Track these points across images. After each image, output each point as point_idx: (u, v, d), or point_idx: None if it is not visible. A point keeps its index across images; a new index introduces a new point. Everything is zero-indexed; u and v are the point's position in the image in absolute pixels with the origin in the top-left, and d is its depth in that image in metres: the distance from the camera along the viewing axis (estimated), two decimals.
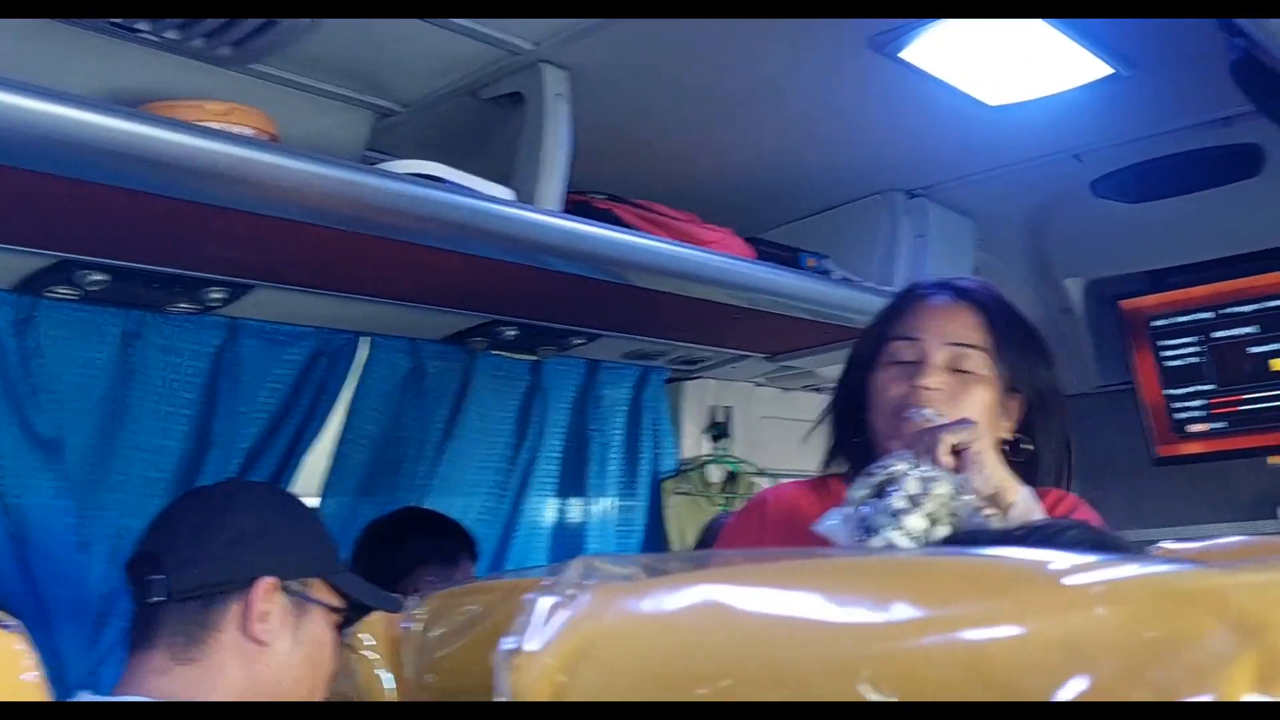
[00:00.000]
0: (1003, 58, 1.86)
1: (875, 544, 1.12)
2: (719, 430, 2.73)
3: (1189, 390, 2.86)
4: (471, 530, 2.05)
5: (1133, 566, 0.50)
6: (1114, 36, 1.83)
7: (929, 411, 1.35)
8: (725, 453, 2.73)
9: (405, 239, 1.64)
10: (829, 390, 2.95)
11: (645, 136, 2.04)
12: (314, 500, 2.06)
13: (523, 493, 2.29)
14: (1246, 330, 2.76)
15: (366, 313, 2.00)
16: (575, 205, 1.83)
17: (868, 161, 2.30)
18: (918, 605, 0.52)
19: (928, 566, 0.55)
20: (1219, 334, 2.80)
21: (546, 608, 0.63)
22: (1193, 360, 2.84)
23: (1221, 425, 2.83)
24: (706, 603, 0.59)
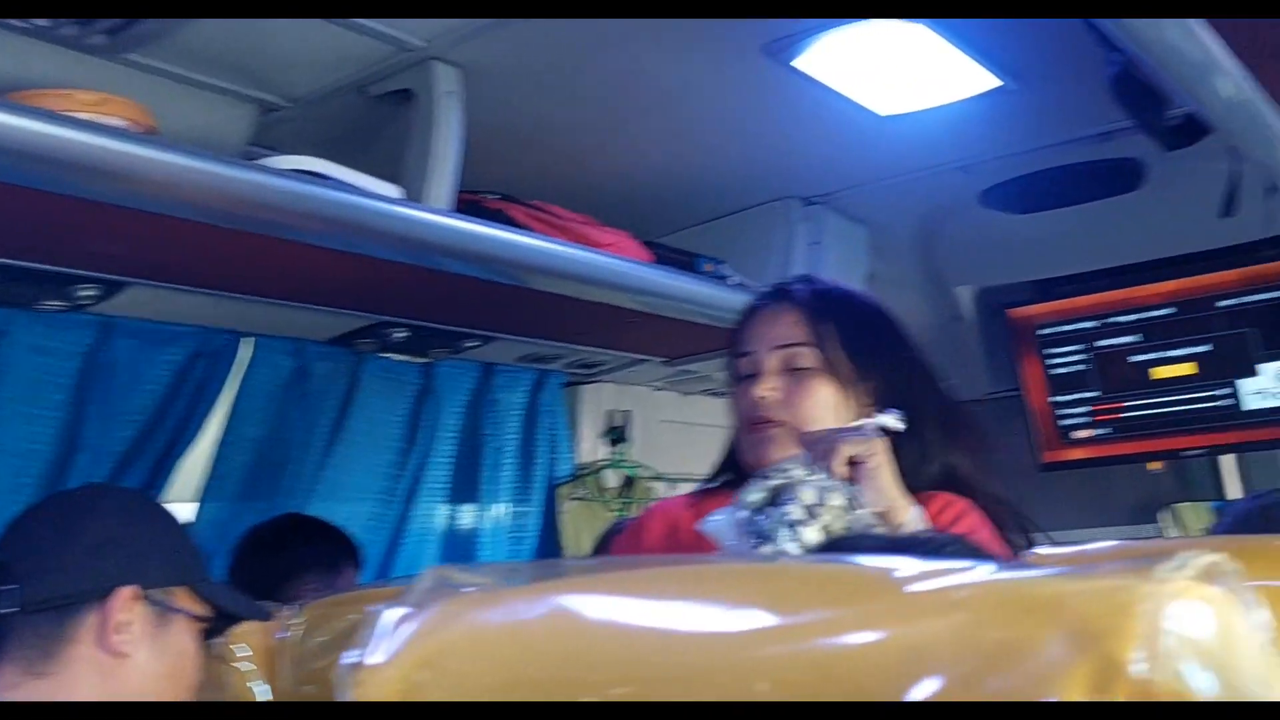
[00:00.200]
0: (893, 68, 1.89)
1: (766, 551, 1.10)
2: (617, 435, 2.71)
3: (1074, 397, 2.93)
4: (357, 537, 2.00)
5: (976, 574, 0.49)
6: (1000, 49, 1.86)
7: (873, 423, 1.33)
8: (623, 457, 2.72)
9: (288, 237, 1.60)
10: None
11: (541, 137, 2.02)
12: (191, 506, 1.99)
13: (412, 498, 2.25)
14: (1128, 339, 2.84)
15: (249, 312, 1.94)
16: (466, 205, 1.80)
17: (764, 168, 2.31)
18: (766, 612, 0.51)
19: (778, 573, 0.54)
20: (1102, 343, 2.88)
21: (392, 620, 0.60)
22: (1078, 368, 2.91)
23: (1105, 432, 2.91)
24: (557, 612, 0.58)
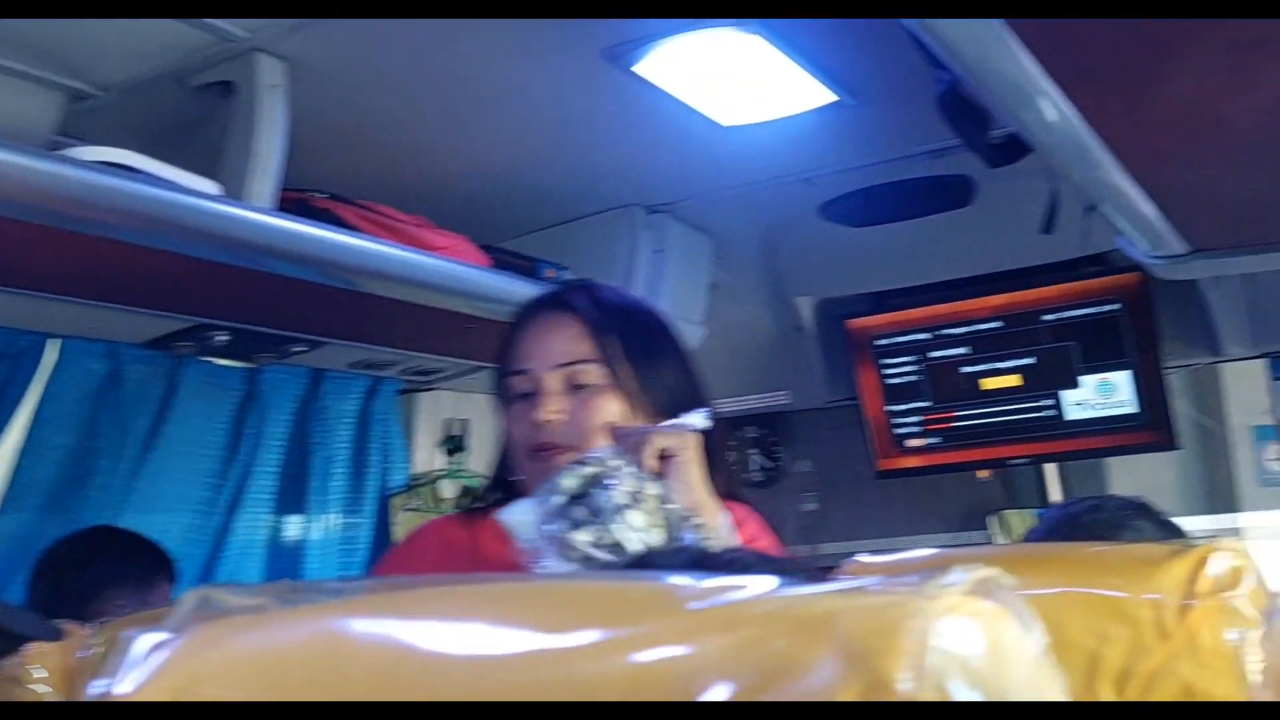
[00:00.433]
0: (733, 79, 1.90)
1: (584, 539, 1.05)
2: (454, 444, 2.66)
3: (908, 407, 3.01)
4: (173, 550, 1.90)
5: (757, 590, 0.48)
6: (837, 66, 1.89)
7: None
8: (460, 467, 2.66)
9: (95, 233, 1.51)
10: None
11: (373, 136, 1.96)
12: None
13: (235, 510, 2.15)
14: (958, 351, 2.93)
15: (55, 312, 1.83)
16: (291, 203, 1.73)
17: (607, 175, 2.30)
18: (542, 632, 0.49)
19: (556, 591, 0.52)
20: (935, 354, 2.96)
21: (146, 646, 0.55)
22: (911, 378, 2.99)
23: (936, 440, 2.99)
24: (324, 635, 0.54)
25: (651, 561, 0.87)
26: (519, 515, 1.08)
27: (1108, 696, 1.01)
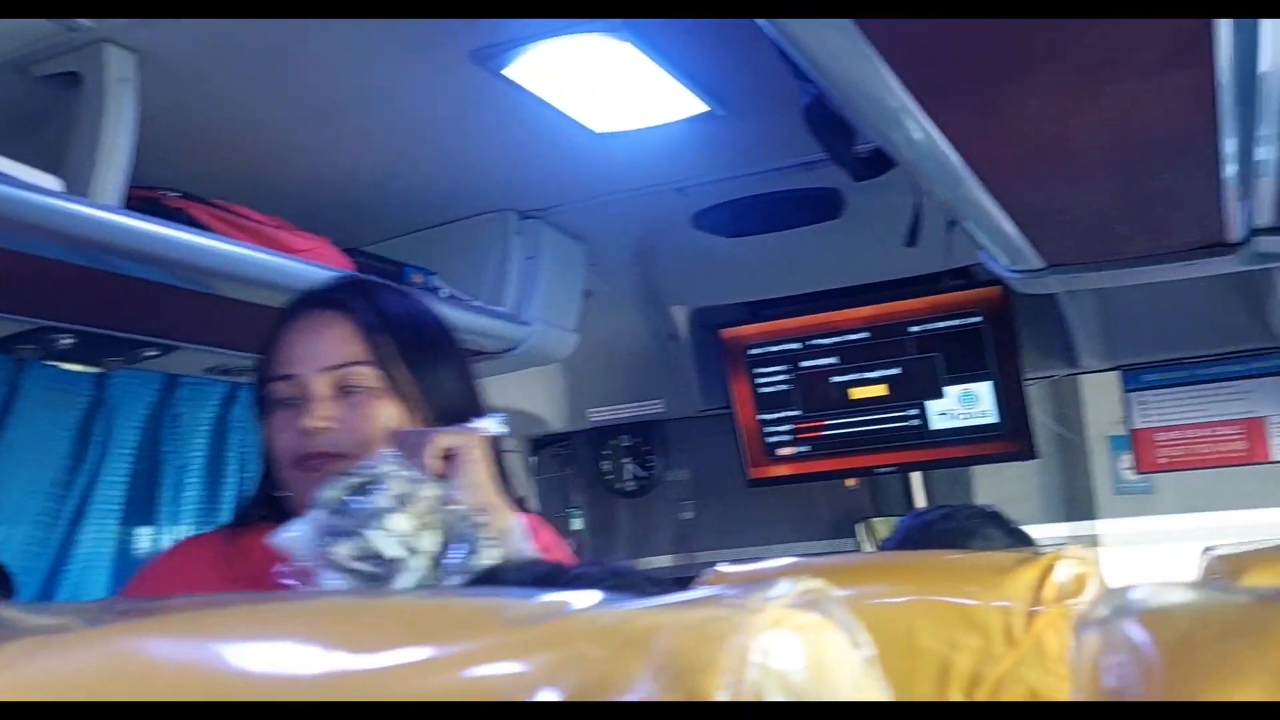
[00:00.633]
0: (605, 86, 1.89)
1: (343, 551, 0.98)
2: None
3: (779, 415, 3.05)
4: (12, 564, 1.80)
5: (580, 607, 0.46)
6: (708, 75, 1.90)
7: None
8: None
9: None
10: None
11: (231, 134, 1.89)
12: None
13: (80, 521, 2.04)
14: (829, 361, 2.98)
15: None
16: (141, 202, 1.66)
17: (479, 179, 2.27)
18: (354, 651, 0.46)
19: (373, 609, 0.49)
20: (806, 364, 3.01)
21: None
22: (783, 387, 3.03)
23: (806, 449, 3.03)
24: (127, 656, 0.50)
25: (498, 577, 0.85)
26: (292, 534, 1.01)
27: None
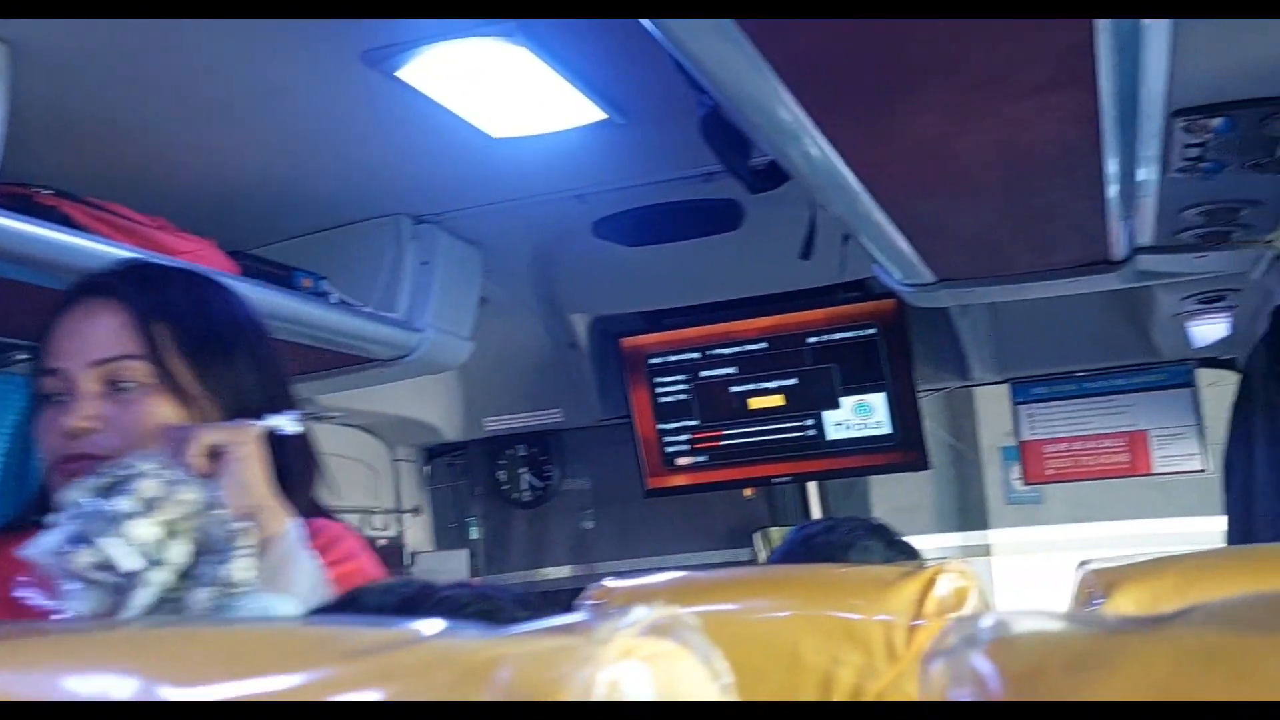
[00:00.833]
0: (501, 90, 1.86)
1: (82, 560, 0.90)
2: None
3: (677, 425, 3.05)
4: None
5: (423, 638, 0.44)
6: (606, 82, 1.88)
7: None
8: None
9: None
10: (330, 420, 2.85)
11: (110, 131, 1.82)
12: None
13: None
14: (727, 371, 2.99)
15: None
16: (11, 199, 1.59)
17: (372, 183, 2.22)
18: (175, 684, 0.43)
19: (201, 639, 0.46)
20: (705, 373, 3.01)
21: None
22: (682, 397, 3.03)
23: (704, 459, 3.04)
24: None
25: (360, 601, 0.81)
26: (41, 548, 0.92)
27: None
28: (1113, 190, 1.64)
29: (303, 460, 1.21)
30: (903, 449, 2.93)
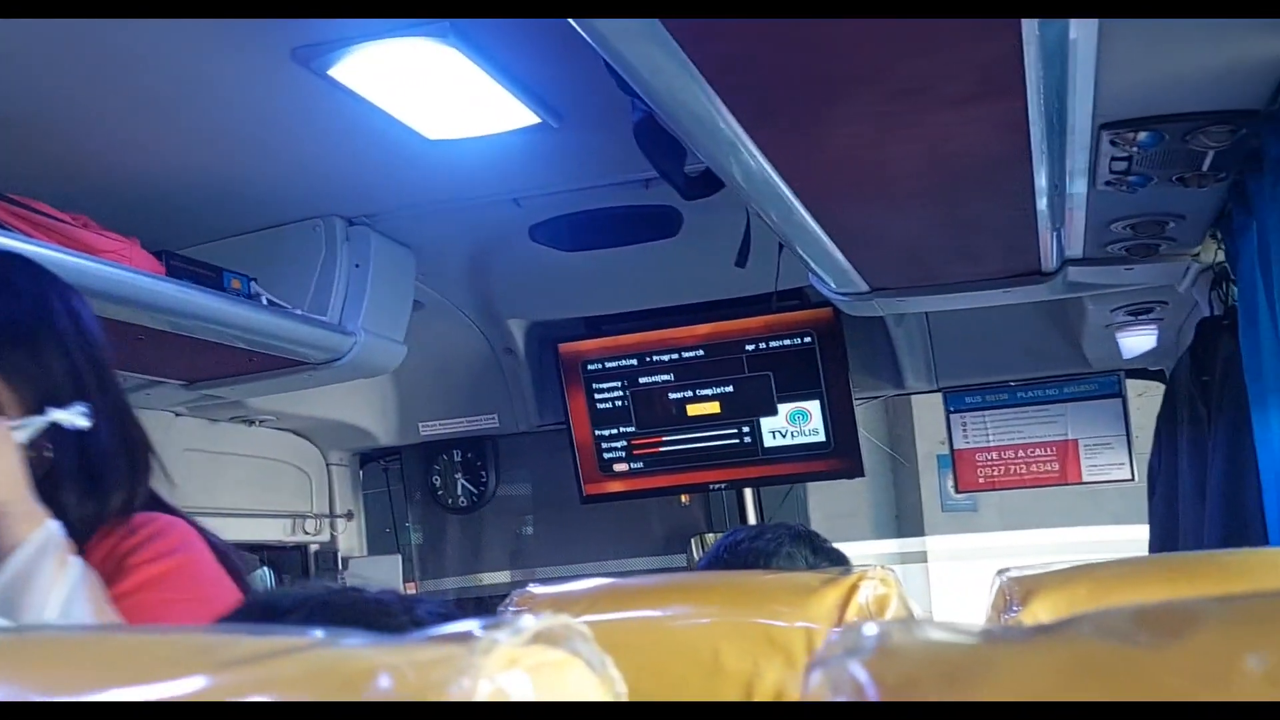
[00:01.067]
0: (434, 92, 1.84)
1: None
2: None
3: (614, 431, 3.04)
4: None
5: (304, 645, 0.43)
6: (539, 86, 1.87)
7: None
8: None
9: None
10: (262, 422, 2.80)
11: (30, 125, 1.77)
12: None
13: None
14: (665, 378, 2.99)
15: None
16: None
17: (304, 183, 2.19)
18: (43, 692, 0.42)
19: (76, 645, 0.45)
20: (643, 380, 3.01)
21: None
22: (619, 404, 3.02)
23: (640, 465, 3.03)
24: None
25: (273, 605, 0.79)
26: None
27: None
28: (1042, 202, 1.66)
29: (121, 454, 1.10)
30: (837, 456, 2.95)
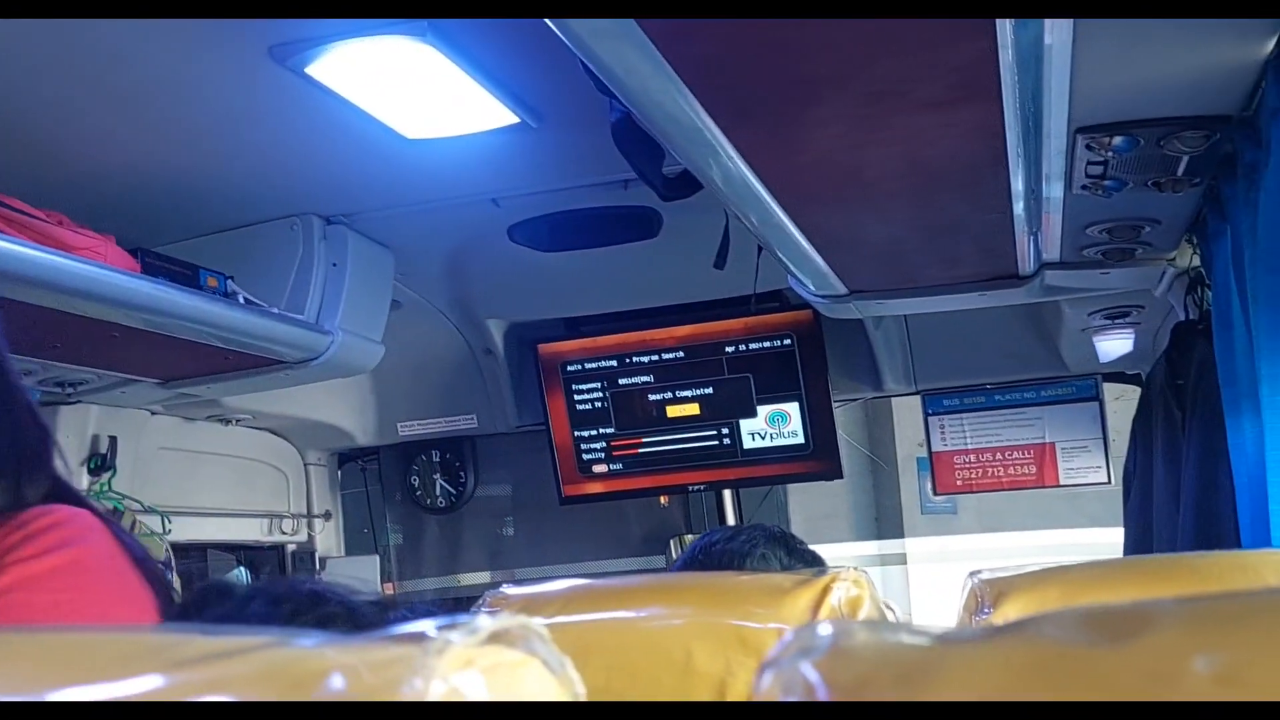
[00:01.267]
0: (413, 90, 1.83)
1: None
2: (100, 462, 2.43)
3: (594, 433, 3.04)
4: None
5: (256, 645, 0.42)
6: (518, 85, 1.87)
7: None
8: (106, 488, 2.44)
9: None
10: (239, 420, 2.78)
11: (3, 121, 1.76)
12: None
13: None
14: (644, 379, 2.99)
15: None
16: None
17: (281, 181, 2.18)
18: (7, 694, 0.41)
19: (30, 644, 0.44)
20: (622, 381, 3.01)
21: None
22: (598, 405, 3.02)
23: (619, 466, 3.03)
24: None
25: (228, 587, 0.79)
26: None
27: None
28: (1019, 206, 1.66)
29: (8, 448, 0.98)
30: (816, 458, 2.95)
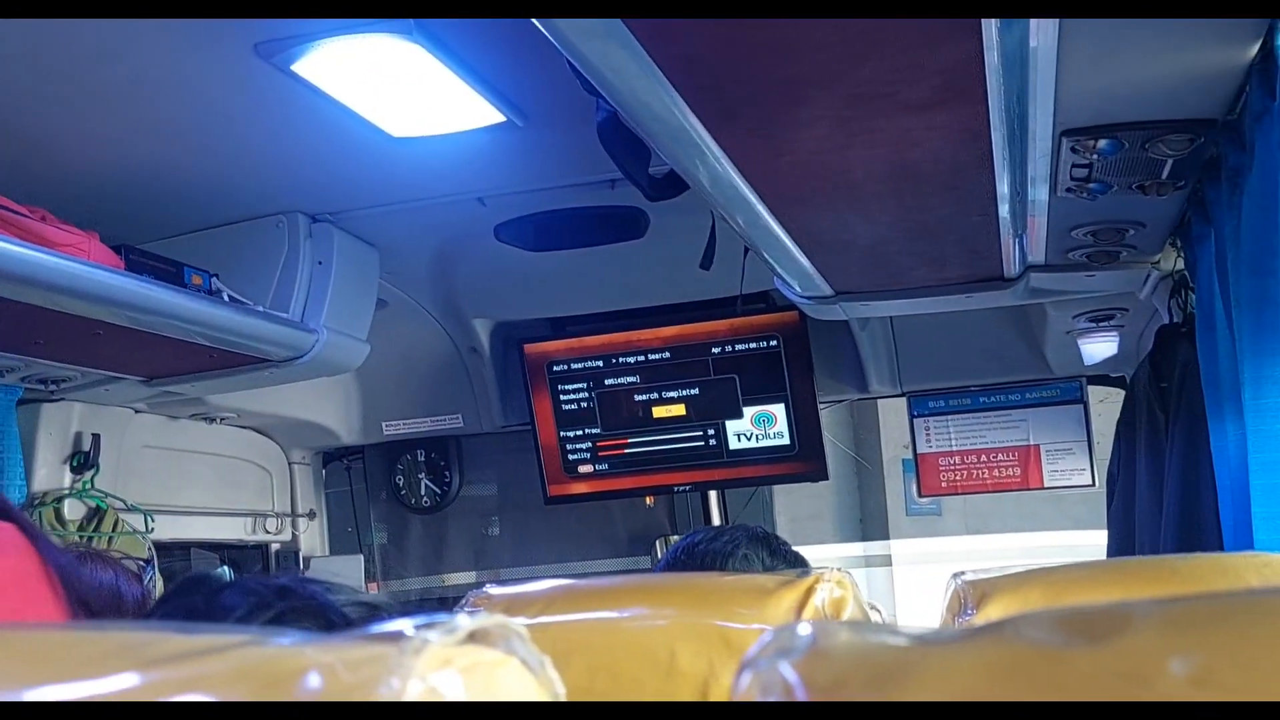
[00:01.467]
0: (399, 89, 1.83)
1: None
2: (83, 460, 2.42)
3: (580, 433, 3.03)
4: None
5: (232, 644, 0.42)
6: (504, 84, 1.86)
7: None
8: (89, 486, 2.43)
9: None
10: (223, 419, 2.77)
11: None
12: None
13: None
14: (630, 380, 2.99)
15: None
16: None
17: (265, 179, 2.17)
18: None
19: (11, 641, 0.44)
20: (608, 381, 3.00)
21: None
22: (584, 405, 3.02)
23: (605, 467, 3.03)
24: None
25: (206, 579, 0.78)
26: None
27: None
28: (1004, 208, 1.67)
29: None
30: (802, 459, 2.96)
